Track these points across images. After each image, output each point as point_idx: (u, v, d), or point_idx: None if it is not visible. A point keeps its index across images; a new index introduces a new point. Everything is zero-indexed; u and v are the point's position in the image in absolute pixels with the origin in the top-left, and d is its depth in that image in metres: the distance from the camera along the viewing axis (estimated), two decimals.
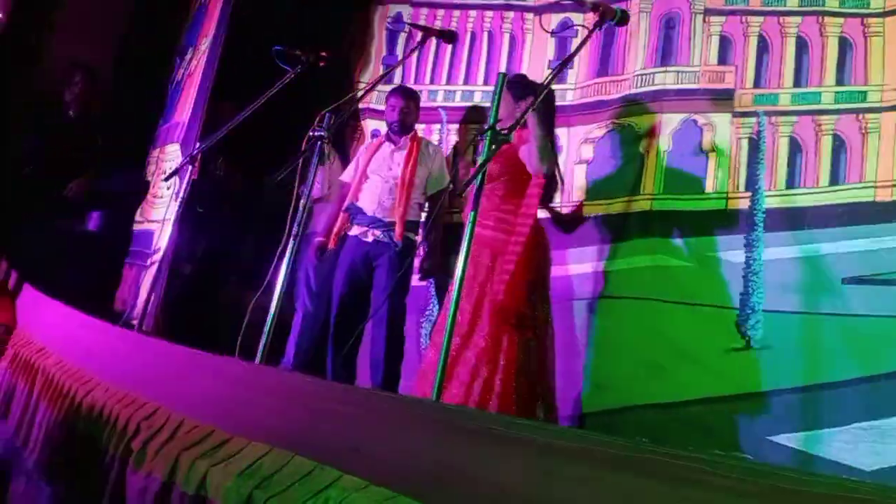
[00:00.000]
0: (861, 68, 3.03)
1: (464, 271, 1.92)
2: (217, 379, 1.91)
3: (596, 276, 3.36)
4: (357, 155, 3.58)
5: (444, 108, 4.10)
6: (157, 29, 5.45)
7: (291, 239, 2.35)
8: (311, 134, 2.40)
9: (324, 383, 1.75)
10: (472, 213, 1.96)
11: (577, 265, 3.39)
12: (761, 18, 3.30)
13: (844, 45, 3.10)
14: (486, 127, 1.99)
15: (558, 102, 3.55)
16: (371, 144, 3.53)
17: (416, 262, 3.39)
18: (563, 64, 2.10)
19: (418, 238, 3.30)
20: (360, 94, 3.12)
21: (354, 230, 3.29)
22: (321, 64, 2.84)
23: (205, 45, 4.50)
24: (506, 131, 1.97)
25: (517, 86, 2.93)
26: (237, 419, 1.73)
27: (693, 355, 3.03)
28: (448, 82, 4.19)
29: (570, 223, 3.44)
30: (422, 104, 3.68)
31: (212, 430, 1.74)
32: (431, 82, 4.19)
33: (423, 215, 3.40)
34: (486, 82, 4.05)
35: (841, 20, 3.13)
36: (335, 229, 3.31)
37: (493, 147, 1.95)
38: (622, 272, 3.30)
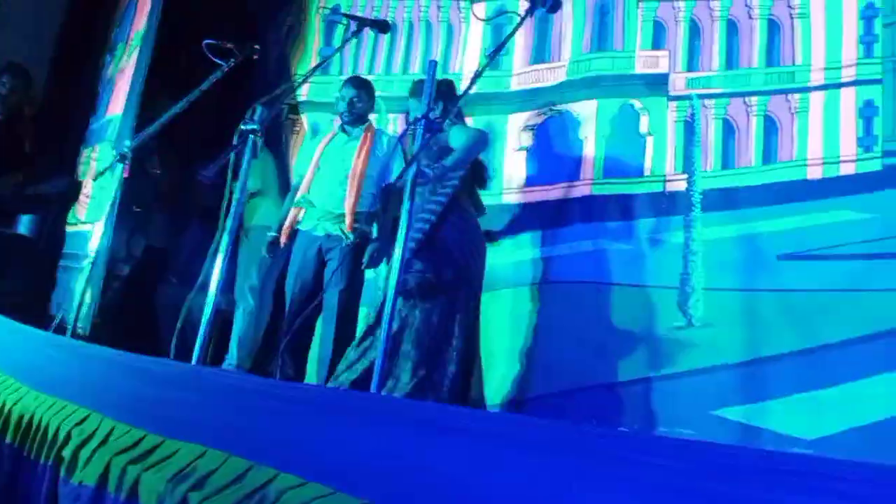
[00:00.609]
0: (788, 49, 3.11)
1: (400, 261, 1.90)
2: (148, 381, 1.86)
3: (538, 261, 3.38)
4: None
5: (383, 97, 4.07)
6: (92, 26, 5.27)
7: (226, 234, 2.29)
8: (241, 128, 2.34)
9: (256, 380, 1.72)
10: (407, 202, 1.95)
11: (519, 251, 3.41)
12: (693, 3, 3.36)
13: (772, 26, 3.17)
14: (419, 116, 1.97)
15: (495, 90, 3.56)
16: (326, 136, 3.46)
17: None
18: (493, 54, 2.10)
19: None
20: (290, 86, 3.04)
21: (305, 224, 3.22)
22: (254, 57, 2.77)
23: (136, 39, 4.37)
24: (439, 120, 1.96)
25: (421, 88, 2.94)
26: (170, 421, 1.69)
27: (636, 336, 3.08)
28: (387, 72, 4.16)
29: None
30: None
31: (144, 435, 1.69)
32: (370, 73, 4.14)
33: None
34: (425, 71, 4.03)
35: (769, 2, 3.20)
36: (286, 224, 3.23)
37: (427, 136, 1.94)
38: (564, 257, 3.33)
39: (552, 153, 3.53)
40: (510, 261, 3.07)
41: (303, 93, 4.40)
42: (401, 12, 4.24)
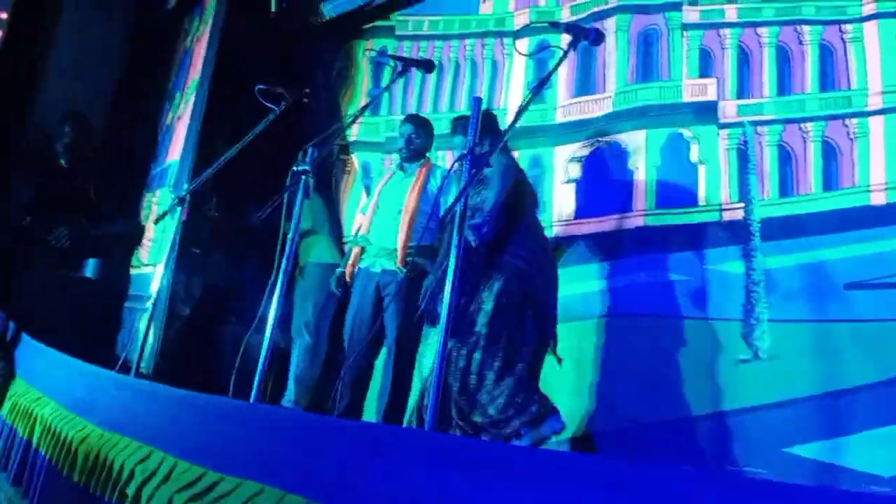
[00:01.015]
0: (843, 74, 3.04)
1: (450, 298, 1.89)
2: (209, 418, 1.89)
3: (595, 294, 3.34)
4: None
5: None
6: (150, 75, 5.51)
7: (281, 273, 2.33)
8: (294, 169, 2.40)
9: (313, 417, 1.73)
10: (456, 237, 1.95)
11: (575, 284, 3.37)
12: (739, 30, 3.33)
13: (825, 52, 3.11)
14: (464, 152, 1.98)
15: (541, 122, 3.57)
16: (385, 176, 3.53)
17: None
18: (538, 87, 2.09)
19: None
20: (339, 127, 3.11)
21: (364, 262, 3.27)
22: (304, 100, 2.84)
23: (192, 87, 4.55)
24: (486, 154, 1.97)
25: (463, 125, 2.97)
26: (229, 459, 1.70)
27: (700, 370, 3.00)
28: (434, 110, 4.22)
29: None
30: None
31: (204, 472, 1.71)
32: (418, 111, 4.22)
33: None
34: (470, 108, 4.09)
35: (820, 28, 3.14)
36: (349, 262, 3.30)
37: (474, 171, 1.95)
38: (621, 290, 3.28)
39: (602, 184, 3.51)
40: (566, 294, 3.03)
41: (353, 133, 4.50)
42: (446, 51, 4.32)
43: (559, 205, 3.60)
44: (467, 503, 1.18)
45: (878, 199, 2.84)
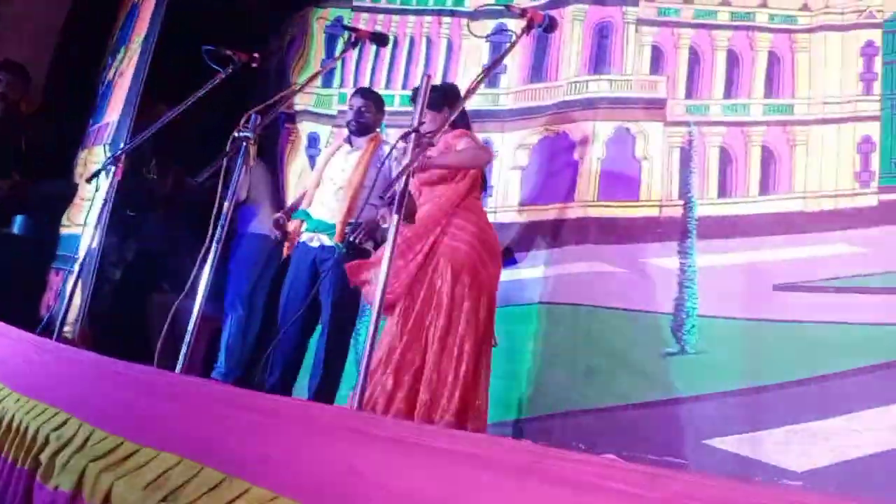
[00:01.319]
0: (789, 82, 3.12)
1: (386, 278, 1.88)
2: (128, 387, 1.84)
3: (531, 282, 3.37)
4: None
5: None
6: (93, 29, 5.28)
7: (215, 242, 2.27)
8: (235, 135, 2.33)
9: (233, 391, 1.70)
10: (396, 216, 1.93)
11: (514, 271, 3.39)
12: (692, 31, 3.37)
13: (773, 59, 3.18)
14: (409, 130, 1.96)
15: (491, 107, 3.56)
16: (330, 147, 3.45)
17: None
18: (488, 70, 2.09)
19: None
20: (285, 95, 3.02)
21: (304, 236, 3.21)
22: (254, 65, 2.75)
23: (137, 43, 4.37)
24: (430, 135, 1.95)
25: (433, 96, 2.92)
26: (147, 429, 1.66)
27: (628, 360, 3.06)
28: (387, 87, 4.16)
29: None
30: None
31: (121, 442, 1.67)
32: (370, 86, 4.15)
33: None
34: None
35: (770, 35, 3.21)
36: (290, 235, 3.22)
37: (417, 150, 1.93)
38: (558, 278, 3.32)
39: (547, 173, 3.53)
40: (503, 280, 3.05)
41: (301, 102, 4.40)
42: (402, 27, 4.26)
43: (503, 191, 3.61)
44: (377, 482, 1.18)
45: (813, 205, 2.93)
